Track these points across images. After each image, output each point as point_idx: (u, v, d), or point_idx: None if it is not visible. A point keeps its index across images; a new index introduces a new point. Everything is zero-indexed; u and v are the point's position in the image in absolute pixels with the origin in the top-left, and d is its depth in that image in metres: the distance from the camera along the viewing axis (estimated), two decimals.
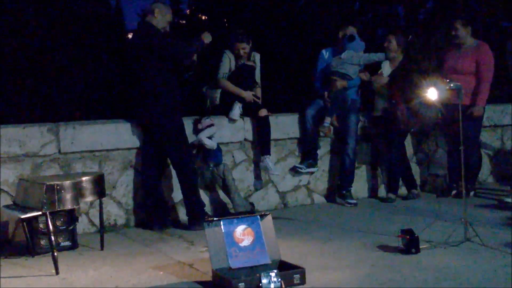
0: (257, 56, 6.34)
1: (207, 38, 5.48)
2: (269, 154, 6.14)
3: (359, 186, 6.80)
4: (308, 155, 6.45)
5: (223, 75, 6.17)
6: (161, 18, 5.45)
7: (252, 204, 6.01)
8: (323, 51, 6.70)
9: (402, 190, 6.81)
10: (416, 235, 4.51)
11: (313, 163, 6.45)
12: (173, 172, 5.62)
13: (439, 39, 8.06)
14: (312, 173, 6.52)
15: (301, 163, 6.44)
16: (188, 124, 5.75)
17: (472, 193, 6.56)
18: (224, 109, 6.16)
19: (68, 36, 7.50)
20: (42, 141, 5.27)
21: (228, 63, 6.17)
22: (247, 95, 6.14)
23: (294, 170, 6.44)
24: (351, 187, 6.52)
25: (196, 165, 5.67)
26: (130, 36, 5.80)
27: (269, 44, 8.88)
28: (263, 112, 6.16)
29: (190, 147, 5.61)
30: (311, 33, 8.76)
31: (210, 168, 5.77)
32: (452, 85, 5.00)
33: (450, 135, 6.57)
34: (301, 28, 8.58)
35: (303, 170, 6.42)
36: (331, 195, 6.65)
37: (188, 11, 24.73)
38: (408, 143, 7.05)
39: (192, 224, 5.42)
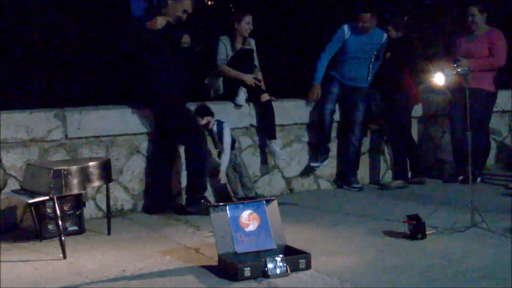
0: (252, 41, 6.31)
1: (185, 39, 5.41)
2: (275, 139, 6.14)
3: (364, 172, 6.80)
4: (321, 150, 6.42)
5: (221, 61, 6.16)
6: (174, 5, 5.41)
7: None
8: (345, 27, 6.35)
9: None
10: (422, 221, 4.51)
11: (326, 156, 6.43)
12: (183, 158, 5.62)
13: (448, 24, 7.99)
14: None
15: (315, 160, 6.40)
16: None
17: (479, 179, 6.54)
18: (229, 96, 6.16)
19: (74, 21, 7.52)
20: (49, 127, 5.28)
21: (224, 48, 6.15)
22: (248, 78, 6.10)
23: (310, 169, 6.40)
24: (356, 173, 6.51)
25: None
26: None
27: (273, 28, 8.82)
28: (264, 97, 6.14)
29: (199, 129, 5.59)
30: (314, 12, 8.66)
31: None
32: (459, 70, 4.97)
33: (458, 120, 6.55)
34: (306, 8, 8.50)
35: (319, 167, 6.39)
36: (337, 181, 6.65)
37: None
38: (415, 128, 7.03)
39: (188, 205, 5.45)
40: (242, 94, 6.07)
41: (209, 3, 8.76)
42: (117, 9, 7.32)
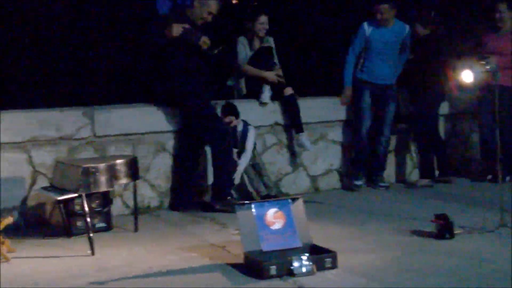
0: (270, 39, 6.32)
1: (205, 43, 5.41)
2: (303, 131, 6.12)
3: (391, 170, 6.74)
4: (362, 168, 6.41)
5: (242, 61, 6.18)
6: (200, 8, 5.43)
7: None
8: (365, 25, 6.29)
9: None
10: (450, 220, 4.46)
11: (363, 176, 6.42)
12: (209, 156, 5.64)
13: (475, 20, 7.89)
14: None
15: (356, 177, 6.36)
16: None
17: (508, 178, 6.44)
18: (253, 94, 6.17)
19: (102, 20, 7.59)
20: (78, 125, 5.35)
21: (243, 48, 6.18)
22: (270, 74, 6.11)
23: (353, 187, 6.36)
24: (383, 172, 6.48)
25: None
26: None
27: (295, 26, 8.78)
28: (288, 91, 6.13)
29: (224, 127, 5.61)
30: (337, 9, 8.58)
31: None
32: (488, 67, 4.90)
33: (486, 118, 6.47)
34: (329, 5, 8.44)
35: (361, 186, 6.36)
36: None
37: None
38: (442, 126, 6.96)
39: (214, 201, 5.47)
40: (267, 92, 6.08)
41: (234, 1, 8.76)
42: (143, 7, 7.37)
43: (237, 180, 5.71)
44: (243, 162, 5.72)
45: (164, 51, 5.41)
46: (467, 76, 4.95)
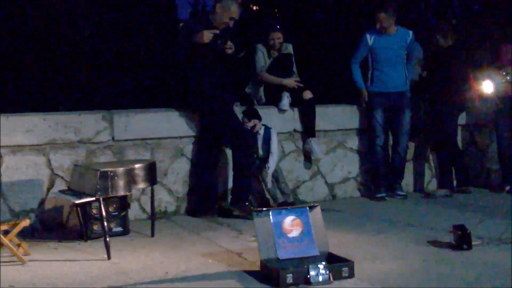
0: (289, 46, 6.33)
1: (229, 49, 5.43)
2: (314, 137, 6.11)
3: (408, 180, 6.71)
4: (381, 180, 6.38)
5: (261, 69, 6.20)
6: (221, 13, 5.46)
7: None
8: (367, 35, 6.30)
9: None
10: (468, 231, 4.42)
11: (384, 188, 6.39)
12: (229, 161, 5.67)
13: (494, 30, 7.84)
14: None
15: (377, 190, 6.33)
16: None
17: None
18: (272, 101, 6.17)
19: (123, 25, 7.66)
20: (97, 128, 5.37)
21: (262, 56, 6.21)
22: (289, 81, 6.14)
23: (377, 199, 6.30)
24: (401, 181, 6.44)
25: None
26: (181, 25, 5.86)
27: (317, 33, 8.79)
28: (307, 94, 6.12)
29: (248, 132, 5.62)
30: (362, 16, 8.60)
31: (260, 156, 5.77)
32: (508, 77, 4.88)
33: (505, 128, 6.41)
34: (350, 11, 8.43)
35: (386, 197, 6.31)
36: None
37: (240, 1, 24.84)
38: (461, 136, 6.91)
39: (233, 206, 5.47)
40: (286, 99, 6.08)
41: (255, 8, 8.81)
42: (163, 13, 7.42)
43: (269, 184, 5.73)
44: (272, 165, 5.72)
45: (189, 56, 5.43)
46: (487, 87, 4.95)
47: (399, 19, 6.39)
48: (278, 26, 6.21)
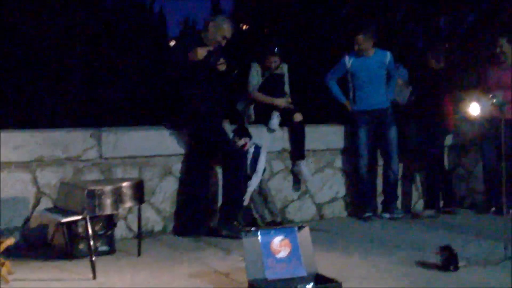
0: (285, 67, 6.36)
1: (221, 66, 5.46)
2: (303, 159, 6.12)
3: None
4: (367, 201, 6.40)
5: (253, 87, 6.21)
6: (214, 32, 5.48)
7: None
8: (346, 57, 6.41)
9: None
10: (454, 252, 4.43)
11: (371, 207, 6.41)
12: (218, 179, 5.66)
13: (480, 54, 7.95)
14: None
15: (364, 210, 6.34)
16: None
17: None
18: (262, 120, 6.18)
19: (110, 42, 7.65)
20: (85, 146, 5.34)
21: (256, 75, 6.23)
22: (280, 101, 6.17)
23: (364, 219, 6.31)
24: (396, 201, 6.45)
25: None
26: (171, 43, 5.88)
27: (308, 53, 8.85)
28: (298, 117, 6.15)
29: (239, 150, 5.62)
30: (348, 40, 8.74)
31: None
32: (495, 100, 4.93)
33: (490, 150, 6.46)
34: (342, 37, 8.52)
35: (372, 217, 6.33)
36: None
37: None
38: (448, 157, 6.96)
39: (221, 225, 5.45)
40: (275, 118, 6.10)
41: (244, 27, 8.86)
42: (153, 31, 7.44)
43: (246, 202, 5.71)
44: (254, 183, 5.72)
45: (180, 73, 5.44)
46: (474, 109, 4.97)
47: (384, 41, 6.47)
48: (276, 50, 6.22)
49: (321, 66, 8.58)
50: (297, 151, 6.16)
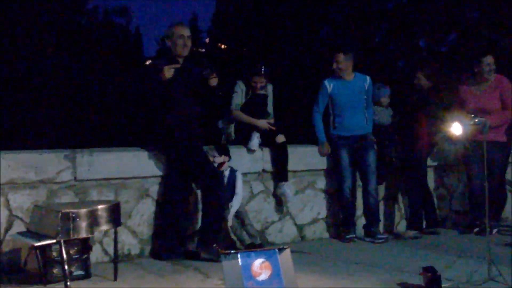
0: (269, 87, 6.30)
1: (213, 81, 5.42)
2: (287, 181, 6.05)
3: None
4: (350, 222, 6.33)
5: (236, 106, 6.15)
6: (173, 43, 5.45)
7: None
8: (326, 82, 6.35)
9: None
10: (438, 273, 4.38)
11: (353, 229, 6.34)
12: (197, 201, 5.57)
13: (461, 73, 7.98)
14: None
15: (347, 232, 6.26)
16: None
17: (495, 231, 6.40)
18: (241, 140, 6.10)
19: (86, 63, 7.56)
20: (58, 168, 5.21)
21: (241, 94, 6.16)
22: (262, 123, 6.09)
23: (346, 241, 6.22)
24: (378, 224, 6.38)
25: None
26: (148, 62, 5.81)
27: (289, 75, 8.85)
28: (280, 138, 6.08)
29: (217, 172, 5.53)
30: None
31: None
32: (476, 120, 4.91)
33: (475, 170, 6.43)
34: (322, 58, 8.53)
35: (355, 239, 6.25)
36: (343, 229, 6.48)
37: (207, 40, 25.06)
38: (430, 178, 6.93)
39: (200, 247, 5.35)
40: (256, 139, 6.03)
41: (222, 46, 8.84)
42: (129, 51, 7.37)
43: (230, 222, 5.62)
44: (236, 205, 5.64)
45: (155, 94, 5.36)
46: (456, 129, 4.94)
47: (364, 61, 6.46)
48: (262, 71, 6.13)
49: (301, 88, 8.58)
50: (280, 173, 6.09)
